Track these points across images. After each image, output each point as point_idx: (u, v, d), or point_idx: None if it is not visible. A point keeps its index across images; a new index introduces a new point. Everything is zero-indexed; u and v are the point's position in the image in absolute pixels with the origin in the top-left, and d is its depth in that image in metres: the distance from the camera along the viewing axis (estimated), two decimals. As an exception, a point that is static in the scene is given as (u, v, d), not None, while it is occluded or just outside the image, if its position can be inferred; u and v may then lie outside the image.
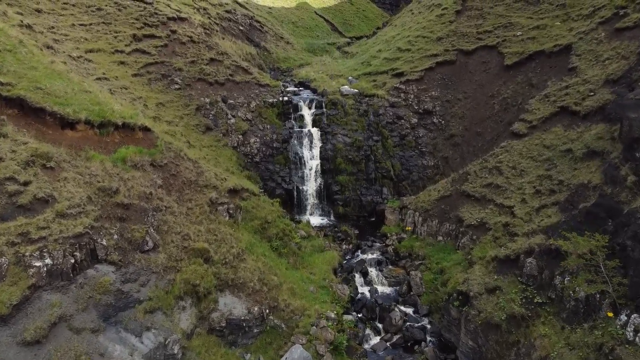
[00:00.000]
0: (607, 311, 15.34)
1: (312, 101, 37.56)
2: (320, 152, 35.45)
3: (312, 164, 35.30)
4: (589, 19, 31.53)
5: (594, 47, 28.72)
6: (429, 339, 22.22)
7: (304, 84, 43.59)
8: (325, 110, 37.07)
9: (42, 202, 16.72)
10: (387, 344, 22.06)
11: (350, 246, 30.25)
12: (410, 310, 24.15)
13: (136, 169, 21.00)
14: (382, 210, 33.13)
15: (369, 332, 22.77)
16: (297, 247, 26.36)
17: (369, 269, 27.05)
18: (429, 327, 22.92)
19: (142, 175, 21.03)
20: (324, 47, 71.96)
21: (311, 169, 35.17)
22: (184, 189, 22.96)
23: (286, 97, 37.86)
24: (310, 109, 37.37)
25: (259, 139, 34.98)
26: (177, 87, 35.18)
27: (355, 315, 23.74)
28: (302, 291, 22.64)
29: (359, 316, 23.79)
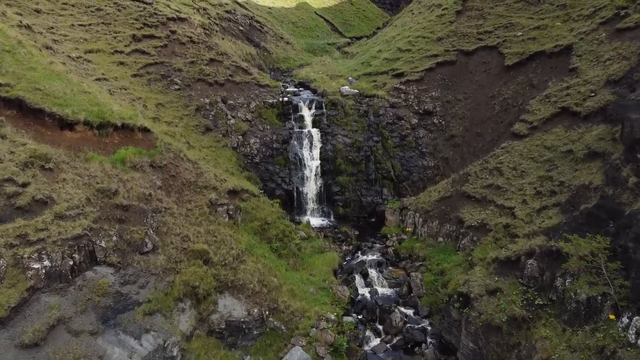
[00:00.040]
0: (609, 313, 15.25)
1: (312, 102, 37.48)
2: (320, 152, 35.36)
3: (312, 164, 35.21)
4: (590, 20, 31.45)
5: (595, 47, 28.64)
6: (429, 341, 22.13)
7: (304, 85, 43.50)
8: (325, 110, 36.99)
9: (40, 203, 16.65)
10: (388, 346, 21.97)
11: (350, 247, 30.17)
12: (410, 311, 24.06)
13: (135, 170, 20.92)
14: (382, 211, 33.05)
15: (369, 333, 22.68)
16: (297, 248, 26.27)
17: (369, 270, 26.96)
18: (429, 328, 22.84)
19: (142, 176, 20.95)
20: (324, 47, 71.90)
21: (311, 169, 35.09)
22: (183, 190, 22.88)
23: (286, 98, 37.78)
24: (310, 109, 37.29)
25: (258, 140, 34.90)
26: (176, 87, 35.11)
27: (355, 316, 23.66)
28: (302, 293, 22.56)
29: (359, 318, 23.70)
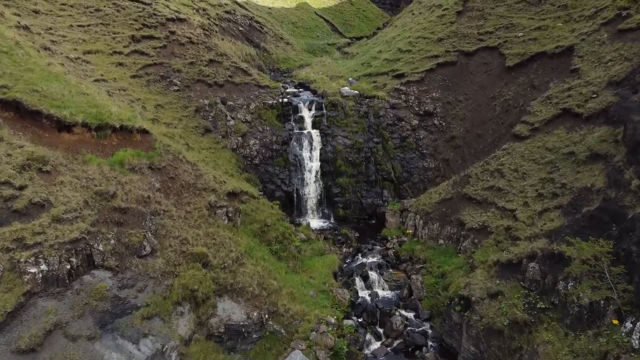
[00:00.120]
0: (612, 318, 15.09)
1: (312, 103, 37.30)
2: (320, 154, 35.19)
3: (312, 166, 35.04)
4: (591, 20, 31.29)
5: (597, 48, 28.48)
6: (430, 344, 21.97)
7: (303, 85, 43.32)
8: (325, 111, 36.81)
9: (37, 206, 16.49)
10: (388, 349, 21.82)
11: (350, 249, 29.99)
12: (411, 314, 23.89)
13: (134, 172, 20.75)
14: (383, 212, 32.88)
15: (369, 337, 22.51)
16: (296, 250, 26.11)
17: (370, 273, 26.79)
18: (430, 332, 22.68)
19: (140, 178, 20.78)
20: (324, 47, 71.74)
21: (311, 171, 34.92)
22: (182, 192, 22.71)
23: (286, 99, 37.60)
24: (310, 110, 37.11)
25: (258, 141, 34.73)
26: (176, 88, 34.94)
27: (355, 320, 23.50)
28: (302, 295, 22.39)
29: (360, 321, 23.54)
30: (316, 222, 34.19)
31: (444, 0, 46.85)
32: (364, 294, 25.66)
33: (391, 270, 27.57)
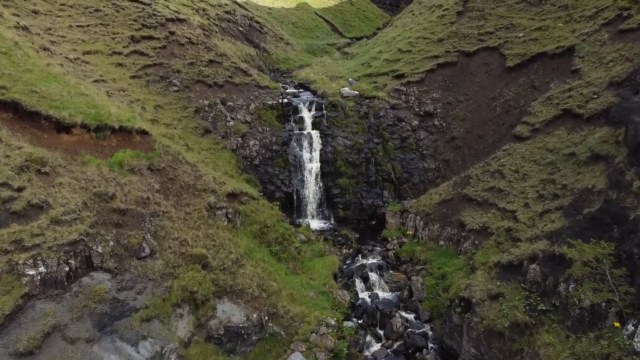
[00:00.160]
0: (614, 321, 15.00)
1: (312, 103, 37.22)
2: (320, 154, 35.10)
3: (312, 166, 34.96)
4: (592, 21, 31.21)
5: (597, 49, 28.40)
6: (430, 346, 21.88)
7: (303, 86, 43.23)
8: (325, 112, 36.73)
9: (36, 208, 16.42)
10: (388, 351, 21.73)
11: (350, 250, 29.90)
12: (411, 316, 23.80)
13: (133, 174, 20.68)
14: (383, 213, 32.79)
15: (369, 338, 22.42)
16: (296, 251, 26.03)
17: (370, 274, 26.70)
18: (430, 333, 22.58)
19: (139, 179, 20.70)
20: (324, 47, 71.66)
21: (311, 171, 34.83)
22: (181, 194, 22.63)
23: (286, 99, 37.51)
24: (310, 111, 37.03)
25: (258, 142, 34.65)
26: (175, 89, 34.86)
27: (355, 321, 23.41)
28: (302, 297, 22.31)
29: (360, 322, 23.45)
30: (316, 223, 34.10)
31: (444, 0, 46.76)
32: (364, 295, 25.57)
33: (391, 271, 27.48)
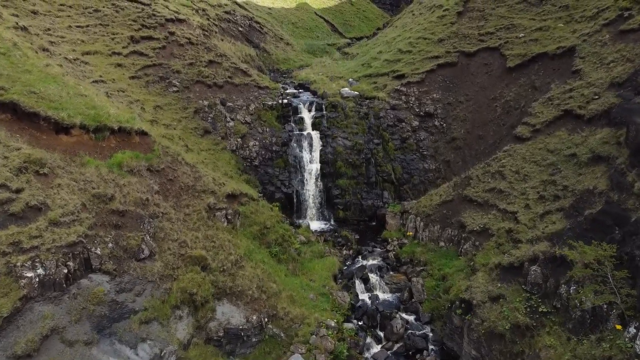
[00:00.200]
0: (615, 323, 14.92)
1: (312, 104, 37.13)
2: (320, 155, 35.01)
3: (312, 167, 34.86)
4: (593, 21, 31.10)
5: (598, 49, 28.29)
6: (431, 348, 21.78)
7: (303, 86, 43.14)
8: (325, 112, 36.65)
9: (34, 210, 16.34)
10: (389, 353, 21.63)
11: (350, 252, 29.79)
12: (411, 317, 23.70)
13: (132, 175, 20.60)
14: (383, 214, 32.70)
15: (369, 340, 22.33)
16: (296, 253, 25.95)
17: (370, 275, 26.59)
18: (430, 335, 22.49)
19: (139, 180, 20.63)
20: (324, 48, 71.57)
21: (311, 172, 34.74)
22: (181, 195, 22.55)
23: (286, 100, 37.42)
24: (310, 111, 36.94)
25: (258, 142, 34.56)
26: (175, 89, 34.77)
27: (355, 323, 23.31)
28: (302, 299, 22.23)
29: (360, 324, 23.35)
30: (316, 224, 34.01)
31: (445, 0, 46.66)
32: (364, 296, 25.47)
33: (392, 272, 27.38)
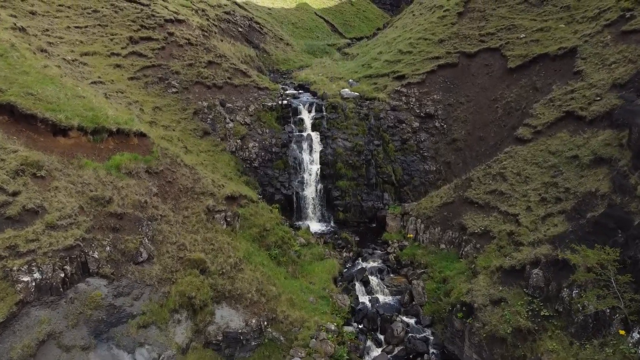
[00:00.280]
0: (619, 328, 14.75)
1: (311, 104, 36.96)
2: (320, 156, 34.84)
3: (312, 168, 34.69)
4: (594, 22, 30.93)
5: (600, 50, 28.11)
6: (431, 351, 21.59)
7: (303, 87, 42.95)
8: (325, 113, 36.48)
9: (31, 213, 16.16)
10: (389, 356, 21.44)
11: (350, 254, 29.60)
12: (412, 320, 23.52)
13: (131, 177, 20.43)
14: (383, 216, 32.52)
15: (370, 343, 22.14)
16: (296, 255, 25.78)
17: (370, 278, 26.41)
18: (431, 338, 22.30)
19: (137, 183, 20.46)
20: (324, 48, 71.38)
21: (311, 174, 34.57)
22: (180, 197, 22.39)
23: (285, 101, 37.24)
24: (310, 112, 36.77)
25: (257, 144, 34.39)
26: (174, 90, 34.59)
27: (356, 326, 23.13)
28: (302, 302, 22.07)
29: (360, 327, 23.16)
30: (316, 226, 33.83)
31: (445, 1, 46.49)
32: (365, 299, 25.29)
33: (392, 275, 27.20)
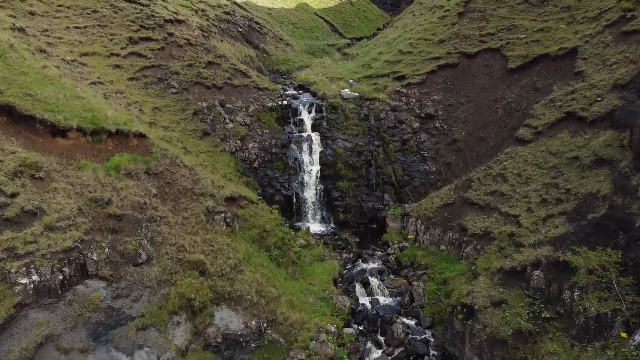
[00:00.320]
0: (620, 330, 14.66)
1: (311, 105, 36.87)
2: (320, 157, 34.76)
3: (312, 169, 34.61)
4: (595, 22, 30.84)
5: (601, 50, 28.03)
6: (432, 353, 21.52)
7: (303, 87, 42.86)
8: (325, 114, 36.39)
9: (30, 214, 16.08)
10: (389, 358, 21.36)
11: (350, 255, 29.52)
12: (412, 322, 23.44)
13: (130, 178, 20.35)
14: (384, 217, 32.43)
15: (370, 345, 22.08)
16: (296, 256, 25.68)
17: (370, 279, 26.33)
18: (432, 340, 22.23)
19: (136, 184, 20.38)
20: (324, 48, 71.29)
21: (311, 174, 34.49)
22: (179, 198, 22.30)
23: (285, 101, 37.15)
24: (310, 113, 36.69)
25: (257, 144, 34.31)
26: (173, 91, 34.51)
27: (356, 327, 23.06)
28: (302, 303, 21.98)
29: (360, 329, 23.09)
30: (316, 227, 33.74)
31: (445, 1, 46.40)
32: (365, 300, 25.21)
33: (392, 276, 27.11)
